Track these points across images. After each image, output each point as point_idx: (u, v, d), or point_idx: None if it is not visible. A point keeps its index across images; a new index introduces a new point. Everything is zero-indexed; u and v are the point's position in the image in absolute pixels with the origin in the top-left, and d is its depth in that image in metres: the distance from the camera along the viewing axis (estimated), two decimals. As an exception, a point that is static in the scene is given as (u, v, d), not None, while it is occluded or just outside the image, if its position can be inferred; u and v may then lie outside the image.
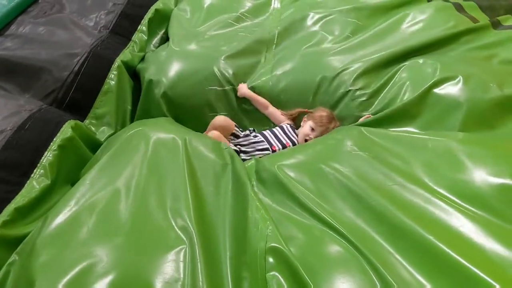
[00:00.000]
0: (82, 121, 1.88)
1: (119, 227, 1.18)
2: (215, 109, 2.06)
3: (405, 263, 1.06)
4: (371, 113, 1.79)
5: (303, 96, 1.99)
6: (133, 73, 2.19)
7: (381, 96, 1.80)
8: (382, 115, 1.68)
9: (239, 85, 2.07)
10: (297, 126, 2.03)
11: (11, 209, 1.32)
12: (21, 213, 1.34)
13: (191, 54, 2.16)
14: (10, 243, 1.24)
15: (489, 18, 2.06)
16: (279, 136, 1.94)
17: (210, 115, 2.03)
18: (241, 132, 1.99)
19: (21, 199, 1.37)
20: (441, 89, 1.63)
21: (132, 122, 2.00)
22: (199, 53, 2.16)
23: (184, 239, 1.15)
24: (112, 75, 2.04)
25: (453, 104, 1.57)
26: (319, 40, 2.13)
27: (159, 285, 1.02)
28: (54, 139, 1.59)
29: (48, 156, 1.53)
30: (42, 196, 1.43)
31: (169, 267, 1.07)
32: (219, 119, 1.96)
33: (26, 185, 1.43)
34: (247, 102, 2.09)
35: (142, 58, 2.25)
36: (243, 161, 1.60)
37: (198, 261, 1.08)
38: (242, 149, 1.87)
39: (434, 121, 1.58)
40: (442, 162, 1.33)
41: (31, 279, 1.04)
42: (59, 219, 1.19)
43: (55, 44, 2.01)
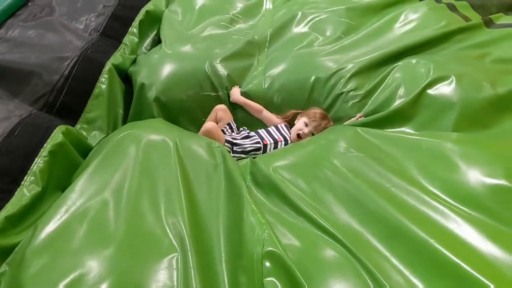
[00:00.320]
0: (73, 126, 1.86)
1: (111, 235, 1.16)
2: (209, 113, 2.04)
3: (400, 265, 1.07)
4: (364, 114, 1.78)
5: (297, 98, 1.98)
6: (125, 77, 2.16)
7: (374, 97, 1.79)
8: (377, 117, 1.67)
9: (232, 91, 2.06)
10: (292, 127, 2.01)
11: (1, 218, 1.30)
12: (12, 222, 1.32)
13: (184, 57, 2.14)
14: (1, 253, 1.22)
15: (482, 17, 2.05)
16: (271, 132, 1.96)
17: (203, 120, 2.02)
18: (236, 129, 2.02)
19: (12, 207, 1.35)
20: (435, 90, 1.62)
21: (124, 126, 1.97)
22: (192, 56, 2.13)
23: (177, 247, 1.13)
24: (103, 79, 2.01)
25: (447, 104, 1.57)
26: (311, 41, 2.11)
27: (152, 294, 1.01)
28: (45, 145, 1.57)
29: (39, 163, 1.51)
30: (33, 204, 1.40)
31: (162, 275, 1.06)
32: (222, 105, 2.02)
33: (17, 193, 1.41)
34: (241, 107, 2.06)
35: (134, 61, 2.23)
36: (238, 156, 1.60)
37: (191, 268, 1.07)
38: (235, 142, 1.89)
39: (428, 122, 1.58)
40: (437, 163, 1.33)
41: (22, 291, 1.02)
42: (49, 228, 1.18)
43: (45, 48, 1.99)
